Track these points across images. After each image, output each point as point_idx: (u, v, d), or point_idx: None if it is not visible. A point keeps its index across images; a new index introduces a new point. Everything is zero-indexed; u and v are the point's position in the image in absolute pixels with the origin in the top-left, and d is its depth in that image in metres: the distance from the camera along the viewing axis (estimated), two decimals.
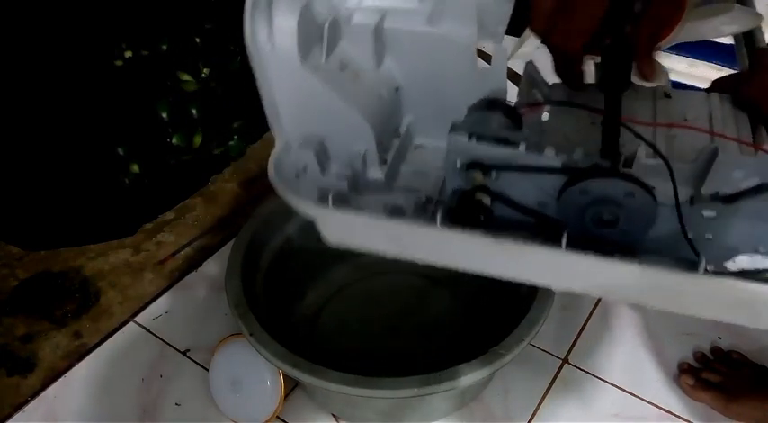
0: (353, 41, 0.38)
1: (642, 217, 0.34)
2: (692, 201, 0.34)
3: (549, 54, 0.38)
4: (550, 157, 0.34)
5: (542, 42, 0.37)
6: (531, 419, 0.77)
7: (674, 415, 0.76)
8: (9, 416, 0.80)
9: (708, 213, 0.34)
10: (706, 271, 0.32)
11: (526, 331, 0.64)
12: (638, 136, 0.35)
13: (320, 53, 0.37)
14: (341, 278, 0.91)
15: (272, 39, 0.35)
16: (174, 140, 1.08)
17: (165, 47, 1.06)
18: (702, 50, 1.08)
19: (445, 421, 0.77)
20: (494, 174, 0.35)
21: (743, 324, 0.33)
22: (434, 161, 0.41)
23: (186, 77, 1.08)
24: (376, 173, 0.41)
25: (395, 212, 0.40)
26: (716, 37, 0.62)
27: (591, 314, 0.88)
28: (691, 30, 0.45)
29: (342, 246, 0.38)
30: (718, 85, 0.42)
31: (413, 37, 0.39)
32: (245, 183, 1.15)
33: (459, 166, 0.36)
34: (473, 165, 0.35)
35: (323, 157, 0.40)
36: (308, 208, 0.36)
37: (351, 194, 0.40)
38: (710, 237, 0.35)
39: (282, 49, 0.35)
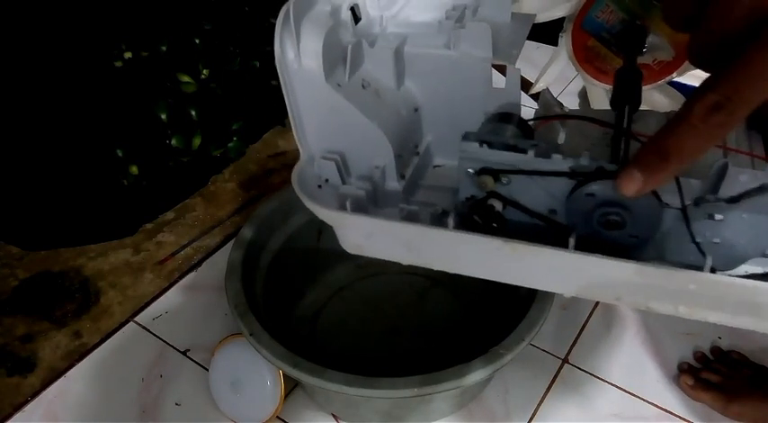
0: (375, 63, 0.41)
1: (648, 218, 0.34)
2: (696, 202, 0.34)
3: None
4: (558, 162, 0.35)
5: None
6: (531, 419, 0.77)
7: (674, 415, 0.76)
8: (9, 416, 0.80)
9: (713, 214, 0.34)
10: (712, 271, 0.32)
11: (526, 331, 0.64)
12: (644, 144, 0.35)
13: (344, 72, 0.39)
14: (341, 278, 0.91)
15: (299, 58, 0.38)
16: (173, 142, 1.08)
17: (164, 48, 1.06)
18: None
19: (445, 421, 0.77)
20: (504, 180, 0.36)
21: (751, 329, 0.33)
22: (453, 179, 0.42)
23: (186, 78, 1.08)
24: (394, 186, 0.43)
25: (410, 220, 0.41)
26: None
27: (591, 314, 0.89)
28: None
29: (360, 253, 0.39)
30: None
31: (431, 60, 0.41)
32: (245, 183, 1.15)
33: (470, 172, 0.37)
34: (484, 171, 0.36)
35: (343, 169, 0.42)
36: (327, 215, 0.38)
37: (369, 207, 0.42)
38: (718, 241, 0.35)
39: (308, 67, 0.38)
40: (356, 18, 0.41)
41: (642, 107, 0.39)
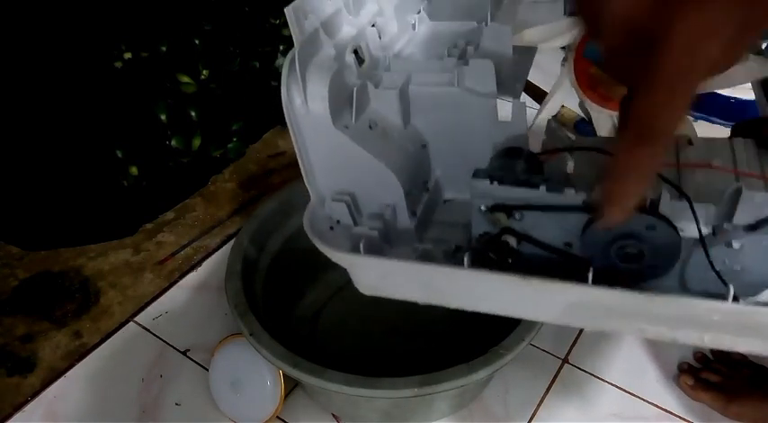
0: (381, 104, 0.41)
1: (666, 250, 0.34)
2: (714, 231, 0.34)
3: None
4: (571, 196, 0.34)
5: None
6: (531, 419, 0.77)
7: (674, 415, 0.76)
8: (9, 416, 0.80)
9: (732, 243, 0.34)
10: (735, 300, 0.32)
11: (526, 331, 0.64)
12: (659, 176, 0.35)
13: (350, 115, 0.40)
14: (341, 278, 0.90)
15: (306, 103, 0.38)
16: (173, 143, 1.08)
17: (164, 48, 1.06)
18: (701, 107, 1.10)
19: (445, 421, 0.77)
20: (517, 215, 0.36)
21: None
22: (464, 214, 0.42)
23: (185, 79, 1.08)
24: (406, 224, 0.43)
25: (425, 259, 0.41)
26: (728, 87, 0.62)
27: None
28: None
29: (375, 294, 0.39)
30: (740, 131, 0.43)
31: (436, 97, 0.41)
32: (244, 183, 1.15)
33: (483, 209, 0.37)
34: (497, 207, 0.36)
35: (355, 210, 0.43)
36: (341, 258, 0.38)
37: (383, 246, 0.42)
38: (738, 268, 0.34)
39: (316, 112, 0.38)
40: (360, 59, 0.41)
41: None
